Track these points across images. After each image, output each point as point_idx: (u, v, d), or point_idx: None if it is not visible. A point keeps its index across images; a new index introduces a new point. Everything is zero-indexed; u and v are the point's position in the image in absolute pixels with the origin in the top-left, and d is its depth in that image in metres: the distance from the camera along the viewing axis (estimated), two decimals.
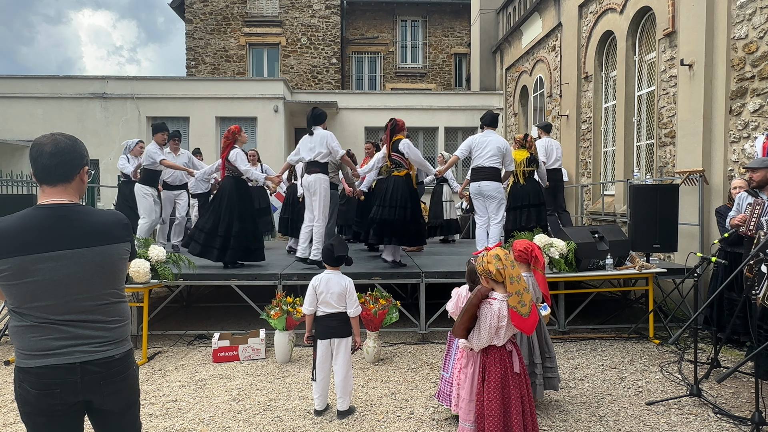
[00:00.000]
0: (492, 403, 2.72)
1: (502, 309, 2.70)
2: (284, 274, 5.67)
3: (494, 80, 15.32)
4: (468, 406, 2.91)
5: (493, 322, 2.69)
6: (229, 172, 6.02)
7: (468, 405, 2.91)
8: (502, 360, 2.78)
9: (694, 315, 3.83)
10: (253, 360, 5.03)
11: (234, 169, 5.98)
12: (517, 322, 2.66)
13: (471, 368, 2.93)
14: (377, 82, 19.79)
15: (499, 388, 2.73)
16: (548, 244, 5.43)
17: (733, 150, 6.11)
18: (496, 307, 2.70)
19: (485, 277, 2.77)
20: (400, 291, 7.14)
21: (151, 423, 3.62)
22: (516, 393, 2.75)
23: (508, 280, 2.67)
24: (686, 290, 6.06)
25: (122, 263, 1.92)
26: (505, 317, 2.71)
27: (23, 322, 1.76)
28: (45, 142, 1.81)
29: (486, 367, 2.79)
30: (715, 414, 3.68)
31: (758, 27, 5.71)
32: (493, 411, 2.71)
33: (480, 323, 2.73)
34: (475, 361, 2.89)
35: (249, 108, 12.97)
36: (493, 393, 2.73)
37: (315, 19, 18.38)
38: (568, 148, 10.50)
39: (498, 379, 2.74)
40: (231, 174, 6.02)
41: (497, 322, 2.70)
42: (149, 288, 5.22)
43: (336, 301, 3.68)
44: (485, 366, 2.79)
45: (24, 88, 12.73)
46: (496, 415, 2.70)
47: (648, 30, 8.23)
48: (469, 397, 2.91)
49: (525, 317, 2.63)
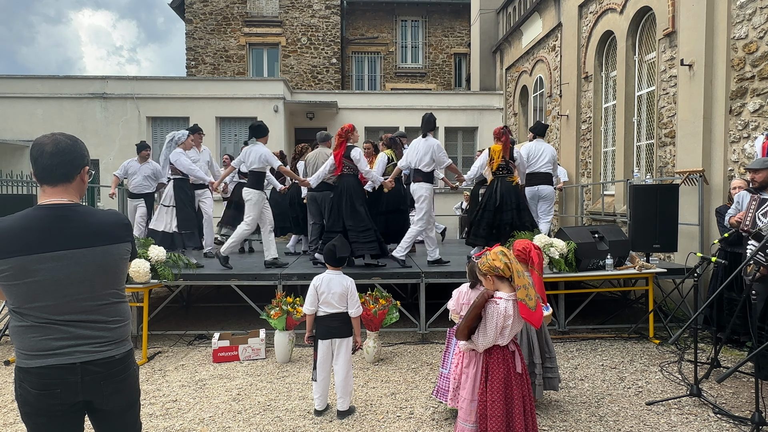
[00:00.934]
0: (495, 403, 2.72)
1: (508, 308, 2.71)
2: (284, 274, 5.67)
3: (494, 80, 15.32)
4: (469, 406, 2.89)
5: (499, 321, 2.70)
6: (347, 170, 6.00)
7: (469, 405, 2.89)
8: (505, 360, 2.78)
9: (694, 315, 3.83)
10: (253, 360, 5.03)
11: (353, 167, 5.99)
12: (527, 315, 2.68)
13: (473, 368, 2.90)
14: (377, 82, 19.79)
15: (503, 388, 2.73)
16: (548, 244, 5.43)
17: (733, 150, 6.11)
18: (502, 307, 2.70)
19: (490, 275, 2.76)
20: (400, 291, 7.14)
21: (151, 423, 3.62)
22: (518, 393, 2.76)
23: (516, 273, 2.69)
24: (686, 290, 6.06)
25: (123, 263, 1.92)
26: (511, 316, 2.72)
27: (24, 322, 1.76)
28: (46, 142, 1.81)
29: (489, 368, 2.78)
30: (715, 414, 3.68)
31: (758, 27, 5.71)
32: (496, 411, 2.71)
33: (486, 323, 2.72)
34: (478, 361, 2.88)
35: (249, 108, 12.96)
36: (497, 393, 2.73)
37: (315, 19, 18.37)
38: (568, 148, 10.50)
39: (501, 379, 2.74)
40: (350, 172, 6.02)
41: (503, 321, 2.71)
42: (149, 288, 5.22)
43: (337, 301, 3.69)
44: (488, 366, 2.79)
45: (24, 88, 12.72)
46: (499, 416, 2.70)
47: (648, 30, 8.23)
48: (470, 397, 2.89)
49: (533, 311, 2.66)
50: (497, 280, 2.76)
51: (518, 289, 2.66)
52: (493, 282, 2.79)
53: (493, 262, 2.73)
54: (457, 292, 3.24)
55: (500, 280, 2.75)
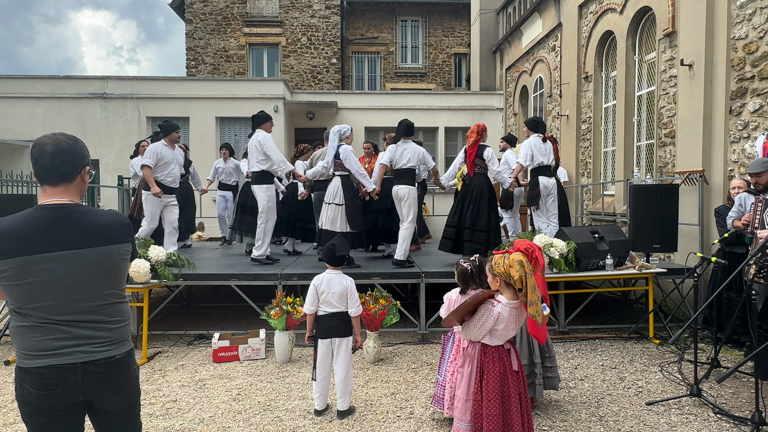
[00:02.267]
0: (491, 402, 2.70)
1: (503, 313, 2.69)
2: (284, 274, 5.67)
3: (494, 80, 15.31)
4: (464, 405, 2.85)
5: (488, 323, 2.69)
6: (479, 170, 6.12)
7: (464, 404, 2.85)
8: (500, 358, 2.76)
9: (694, 315, 3.83)
10: (253, 360, 5.03)
11: (484, 167, 6.10)
12: (534, 332, 2.72)
13: (468, 367, 2.87)
14: (377, 82, 19.79)
15: (498, 386, 2.72)
16: (548, 244, 5.43)
17: (733, 150, 6.11)
18: (497, 310, 2.68)
19: (501, 278, 2.74)
20: (400, 291, 7.14)
21: (151, 423, 3.62)
22: (515, 391, 2.75)
23: (530, 289, 2.64)
24: (686, 290, 6.06)
25: (123, 263, 1.92)
26: (503, 322, 2.70)
27: (24, 323, 1.76)
28: (46, 142, 1.81)
29: (484, 366, 2.76)
30: (715, 414, 3.68)
31: (758, 27, 5.71)
32: (492, 410, 2.69)
33: (475, 318, 2.71)
34: (473, 359, 2.85)
35: (249, 108, 12.91)
36: (493, 392, 2.71)
37: (315, 19, 18.37)
38: (568, 148, 10.50)
39: (497, 377, 2.73)
40: (481, 172, 6.14)
41: (493, 323, 2.69)
42: (149, 288, 5.22)
43: (337, 300, 3.69)
44: (483, 365, 2.77)
45: (24, 88, 12.71)
46: (496, 414, 2.69)
47: (648, 30, 8.23)
48: (465, 397, 2.85)
49: (540, 327, 2.67)
50: (505, 285, 2.75)
51: (530, 305, 2.64)
52: (499, 284, 2.77)
53: (509, 269, 2.68)
54: (448, 299, 3.19)
55: (507, 286, 2.74)
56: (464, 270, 3.09)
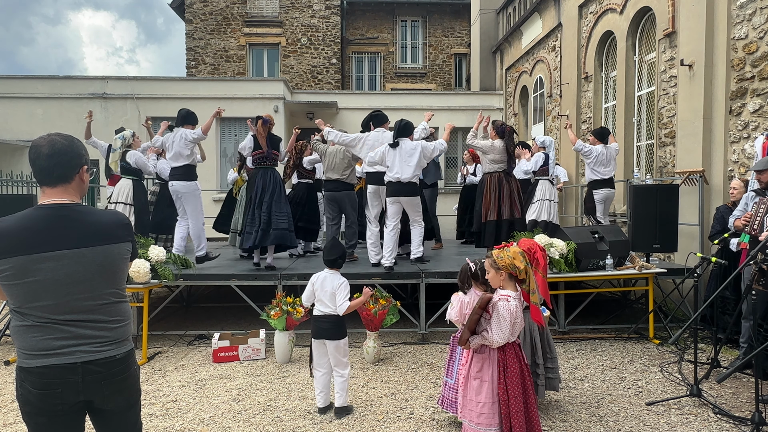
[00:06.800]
0: (517, 398, 2.74)
1: (518, 306, 2.75)
2: (284, 274, 5.67)
3: (494, 80, 15.31)
4: (491, 409, 2.79)
5: (513, 317, 2.73)
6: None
7: (491, 408, 2.79)
8: (517, 354, 2.82)
9: (694, 315, 3.83)
10: (253, 360, 5.03)
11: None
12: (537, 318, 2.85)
13: (489, 369, 2.81)
14: (377, 83, 19.78)
15: (520, 381, 2.77)
16: (548, 244, 5.42)
17: (733, 150, 6.11)
18: (513, 304, 2.72)
19: (505, 271, 2.76)
20: (400, 291, 7.14)
21: (151, 423, 3.62)
22: (529, 383, 2.83)
23: (532, 278, 2.74)
24: (686, 290, 6.06)
25: (123, 263, 1.92)
26: (519, 315, 2.77)
27: (24, 322, 1.76)
28: (42, 144, 1.81)
29: (507, 364, 2.78)
30: (715, 414, 3.68)
31: (758, 27, 5.71)
32: (518, 406, 2.74)
33: (500, 321, 2.71)
34: (492, 361, 2.81)
35: (249, 108, 12.93)
36: (517, 388, 2.75)
37: (315, 19, 18.37)
38: (568, 148, 10.49)
39: (518, 373, 2.78)
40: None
41: (515, 317, 2.73)
42: (149, 288, 5.22)
43: (329, 299, 3.73)
44: (506, 363, 2.78)
45: (24, 88, 12.71)
46: (521, 411, 2.73)
47: (648, 30, 8.23)
48: (491, 400, 2.79)
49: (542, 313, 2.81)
50: (508, 278, 2.77)
51: (532, 294, 2.71)
52: (502, 278, 2.78)
53: (513, 260, 2.73)
54: (458, 301, 3.19)
55: (510, 279, 2.76)
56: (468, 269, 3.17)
